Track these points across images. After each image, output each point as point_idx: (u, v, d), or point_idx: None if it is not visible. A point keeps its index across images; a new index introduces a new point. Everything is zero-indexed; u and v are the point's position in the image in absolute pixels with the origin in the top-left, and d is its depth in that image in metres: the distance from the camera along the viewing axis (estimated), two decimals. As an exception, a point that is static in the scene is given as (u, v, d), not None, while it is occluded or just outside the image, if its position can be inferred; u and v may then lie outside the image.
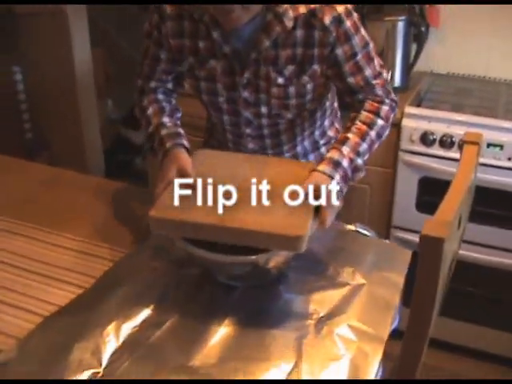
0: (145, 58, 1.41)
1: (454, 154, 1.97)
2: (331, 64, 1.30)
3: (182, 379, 0.98)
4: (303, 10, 1.23)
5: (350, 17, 1.26)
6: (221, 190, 1.17)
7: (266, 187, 1.19)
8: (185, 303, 1.16)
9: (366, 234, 1.42)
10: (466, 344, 2.23)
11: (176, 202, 1.16)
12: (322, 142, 1.54)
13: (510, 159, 1.96)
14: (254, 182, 1.21)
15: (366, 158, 1.32)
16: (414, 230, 2.11)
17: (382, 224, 2.21)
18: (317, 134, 1.52)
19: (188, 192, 1.18)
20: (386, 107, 1.34)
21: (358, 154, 1.28)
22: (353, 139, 1.28)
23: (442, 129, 2.02)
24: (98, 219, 1.47)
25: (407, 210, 2.14)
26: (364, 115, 1.32)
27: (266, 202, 1.15)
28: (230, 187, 1.18)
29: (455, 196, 1.03)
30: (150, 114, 1.40)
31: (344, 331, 1.09)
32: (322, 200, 1.17)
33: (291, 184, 1.18)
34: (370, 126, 1.31)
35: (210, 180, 1.21)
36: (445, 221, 0.92)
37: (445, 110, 2.09)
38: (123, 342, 1.05)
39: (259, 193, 1.18)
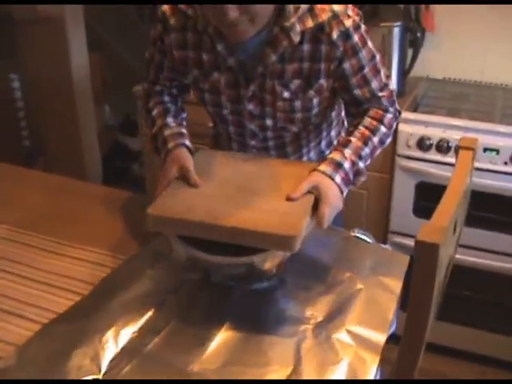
0: (150, 63, 1.42)
1: (451, 158, 1.97)
2: (338, 77, 1.29)
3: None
4: (310, 25, 1.21)
5: (358, 30, 1.24)
6: (220, 189, 1.18)
7: (265, 187, 1.20)
8: (183, 309, 1.16)
9: (365, 240, 1.42)
10: (463, 348, 2.23)
11: (174, 201, 1.17)
12: (328, 152, 1.50)
13: (506, 164, 1.97)
14: (253, 181, 1.22)
15: (368, 163, 1.32)
16: (412, 235, 2.07)
17: (379, 229, 2.21)
18: (323, 145, 1.50)
19: (187, 191, 1.20)
20: (389, 115, 1.34)
21: (360, 158, 1.28)
22: (355, 143, 1.28)
23: (438, 134, 2.03)
24: (97, 226, 1.47)
25: (404, 215, 2.14)
26: (368, 121, 1.32)
27: (264, 202, 1.16)
28: (229, 186, 1.19)
29: (450, 201, 1.03)
30: (155, 114, 1.41)
31: (342, 336, 1.10)
32: (320, 200, 1.18)
33: (291, 184, 1.18)
34: (373, 131, 1.31)
35: (210, 179, 1.22)
36: (440, 226, 0.93)
37: (441, 114, 2.10)
38: (122, 348, 1.05)
39: (258, 192, 1.18)
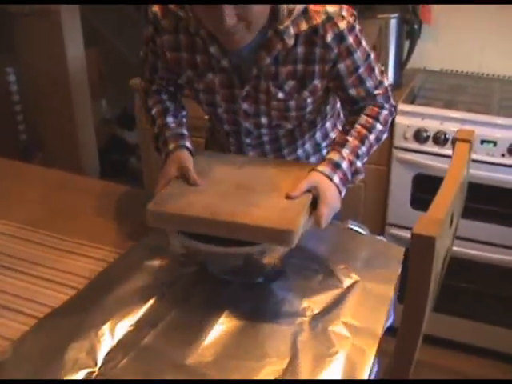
0: (145, 63, 1.41)
1: (448, 150, 1.96)
2: (333, 78, 1.29)
3: (178, 379, 0.98)
4: (304, 27, 1.20)
5: (353, 31, 1.23)
6: (219, 187, 1.20)
7: (264, 186, 1.21)
8: (180, 302, 1.16)
9: (359, 232, 1.42)
10: (461, 340, 2.23)
11: (174, 197, 1.18)
12: (324, 144, 1.51)
13: (503, 155, 1.97)
14: (252, 181, 1.23)
15: (365, 160, 1.32)
16: (409, 227, 2.08)
17: (376, 221, 2.22)
18: (318, 136, 1.50)
19: (186, 188, 1.21)
20: (385, 112, 1.34)
21: (358, 157, 1.29)
22: (352, 142, 1.28)
23: (435, 126, 2.03)
24: (96, 221, 1.47)
25: (402, 207, 2.14)
26: (364, 119, 1.32)
27: (263, 199, 1.17)
28: (228, 185, 1.21)
29: (447, 194, 1.03)
30: (155, 114, 1.41)
31: (338, 328, 1.10)
32: (319, 200, 1.18)
33: (290, 183, 1.19)
34: (369, 129, 1.31)
35: (210, 179, 1.24)
36: (436, 219, 0.93)
37: (438, 106, 2.09)
38: (118, 342, 1.05)
39: (257, 191, 1.19)
